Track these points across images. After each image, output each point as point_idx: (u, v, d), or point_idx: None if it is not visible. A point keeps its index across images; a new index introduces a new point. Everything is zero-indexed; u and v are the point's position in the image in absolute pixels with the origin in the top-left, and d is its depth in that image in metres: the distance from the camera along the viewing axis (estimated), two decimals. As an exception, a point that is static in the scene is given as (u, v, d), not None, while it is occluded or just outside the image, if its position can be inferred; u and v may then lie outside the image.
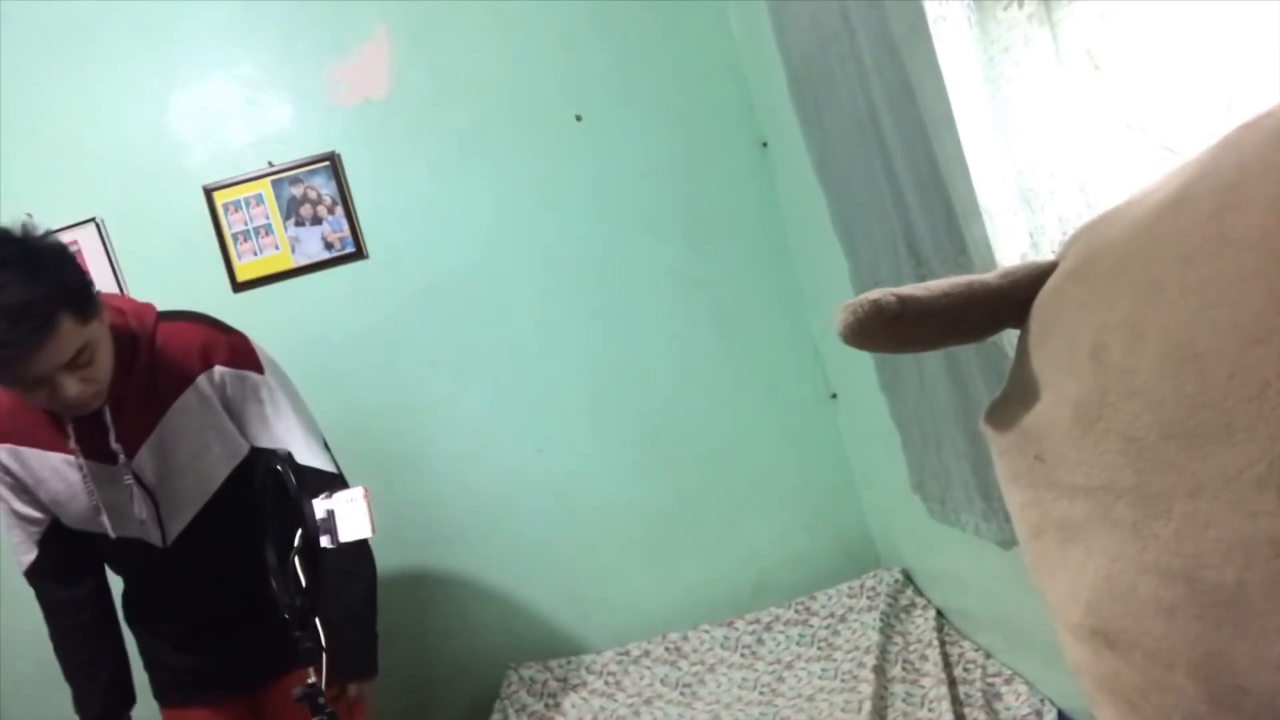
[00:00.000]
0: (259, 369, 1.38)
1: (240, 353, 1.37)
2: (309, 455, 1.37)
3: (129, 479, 1.30)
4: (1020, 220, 1.08)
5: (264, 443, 1.37)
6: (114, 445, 1.27)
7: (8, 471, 1.32)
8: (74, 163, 2.02)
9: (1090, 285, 0.54)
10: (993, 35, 1.07)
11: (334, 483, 1.37)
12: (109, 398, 1.24)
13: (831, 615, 1.93)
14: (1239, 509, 0.43)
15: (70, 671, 1.40)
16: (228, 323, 1.41)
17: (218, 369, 1.33)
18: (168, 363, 1.30)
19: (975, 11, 1.07)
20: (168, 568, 1.39)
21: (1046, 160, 1.06)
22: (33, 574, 1.39)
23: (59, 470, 1.30)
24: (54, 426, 1.28)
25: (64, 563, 1.39)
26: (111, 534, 1.33)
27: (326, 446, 1.46)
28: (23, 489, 1.33)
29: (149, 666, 1.51)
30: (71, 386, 1.16)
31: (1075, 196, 1.04)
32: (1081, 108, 1.00)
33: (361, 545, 1.37)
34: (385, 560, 1.50)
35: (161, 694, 1.51)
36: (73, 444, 1.27)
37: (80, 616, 1.41)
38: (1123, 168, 0.96)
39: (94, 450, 1.28)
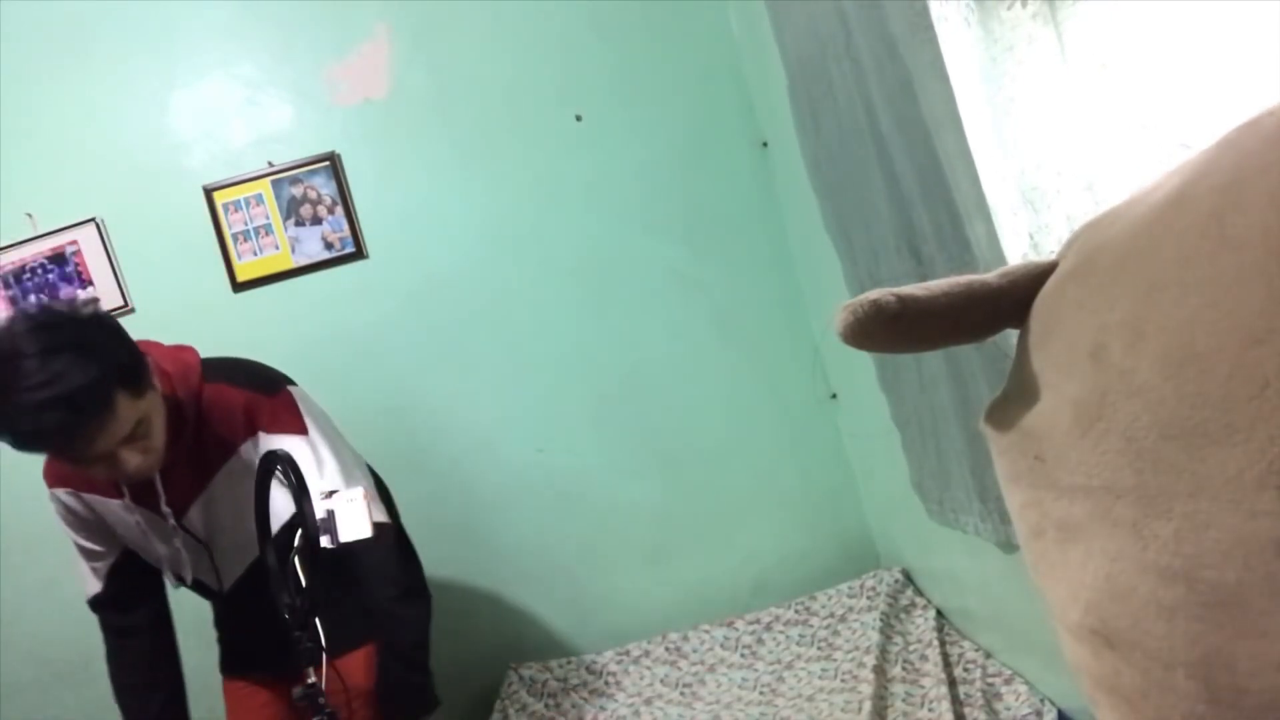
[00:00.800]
0: (302, 430, 1.37)
1: (282, 416, 1.36)
2: None
3: (180, 540, 1.34)
4: (1021, 220, 1.08)
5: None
6: (164, 509, 1.30)
7: (71, 511, 1.35)
8: (74, 163, 2.02)
9: (1090, 285, 0.54)
10: (996, 35, 1.07)
11: (385, 532, 1.39)
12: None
13: (831, 615, 1.92)
14: (1239, 509, 0.43)
15: (122, 695, 1.42)
16: (270, 369, 1.42)
17: (262, 436, 1.34)
18: (213, 428, 1.32)
19: (976, 12, 1.07)
20: (228, 601, 1.46)
21: (1053, 159, 1.06)
22: (96, 604, 1.41)
23: (120, 515, 1.34)
24: (110, 481, 1.30)
25: (126, 594, 1.42)
26: (172, 584, 1.39)
27: (380, 488, 1.49)
28: (87, 525, 1.36)
29: (219, 641, 1.58)
30: (131, 459, 1.18)
31: (1082, 195, 1.04)
32: (1087, 106, 1.00)
33: (421, 590, 1.46)
34: (385, 560, 1.50)
35: (224, 668, 1.58)
36: (128, 500, 1.30)
37: (139, 643, 1.43)
38: (1129, 166, 0.95)
39: (148, 503, 1.31)
